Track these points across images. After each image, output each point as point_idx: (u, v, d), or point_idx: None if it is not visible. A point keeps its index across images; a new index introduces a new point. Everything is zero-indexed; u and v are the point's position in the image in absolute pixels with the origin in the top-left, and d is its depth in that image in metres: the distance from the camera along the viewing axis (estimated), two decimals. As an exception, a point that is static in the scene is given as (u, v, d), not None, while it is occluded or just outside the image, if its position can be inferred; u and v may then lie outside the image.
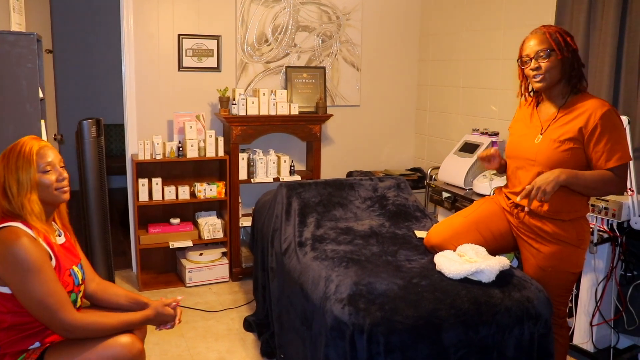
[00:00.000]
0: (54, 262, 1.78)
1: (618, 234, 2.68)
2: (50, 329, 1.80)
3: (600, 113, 2.00)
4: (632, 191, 2.59)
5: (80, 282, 1.92)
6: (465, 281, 2.05)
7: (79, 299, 1.93)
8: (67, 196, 1.87)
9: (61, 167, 1.87)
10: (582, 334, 2.78)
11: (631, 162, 2.54)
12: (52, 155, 1.84)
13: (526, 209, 2.07)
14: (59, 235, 1.93)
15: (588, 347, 2.78)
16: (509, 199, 2.29)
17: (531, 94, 2.27)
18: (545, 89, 2.12)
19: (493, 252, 2.26)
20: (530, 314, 1.99)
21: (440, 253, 2.23)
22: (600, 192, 2.09)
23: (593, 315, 2.74)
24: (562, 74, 2.08)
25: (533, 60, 2.08)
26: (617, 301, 2.76)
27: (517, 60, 2.18)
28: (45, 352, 1.79)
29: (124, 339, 1.84)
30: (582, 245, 2.15)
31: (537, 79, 2.08)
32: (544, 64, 2.05)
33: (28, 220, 1.76)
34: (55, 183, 1.82)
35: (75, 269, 1.90)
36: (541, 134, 2.13)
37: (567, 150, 2.05)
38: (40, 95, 2.43)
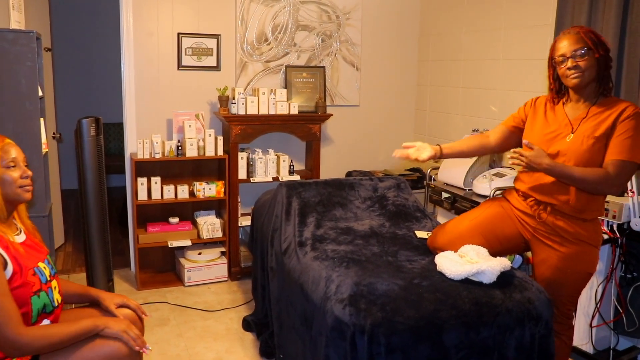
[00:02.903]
0: (10, 266, 1.71)
1: (618, 235, 2.68)
2: None
3: (633, 111, 2.03)
4: (633, 192, 2.59)
5: (49, 278, 1.86)
6: (467, 282, 2.04)
7: (55, 294, 1.87)
8: (29, 195, 1.85)
9: (25, 165, 1.85)
10: (581, 335, 2.78)
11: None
12: (16, 153, 1.82)
13: (547, 210, 2.11)
14: (19, 233, 1.87)
15: (588, 348, 2.78)
16: (526, 197, 2.27)
17: (556, 99, 2.26)
18: (580, 87, 2.11)
19: (497, 255, 2.24)
20: (532, 315, 1.98)
21: (441, 254, 2.22)
22: (590, 187, 2.05)
23: (593, 317, 2.74)
24: (597, 72, 2.08)
25: (570, 60, 2.07)
26: (617, 302, 2.76)
27: (550, 60, 2.17)
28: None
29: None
30: (598, 245, 2.17)
31: (575, 76, 2.07)
32: (582, 62, 2.05)
33: None
34: (19, 180, 1.80)
35: (42, 265, 1.85)
36: (572, 133, 2.12)
37: (601, 148, 2.05)
38: (40, 93, 2.42)
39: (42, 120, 2.50)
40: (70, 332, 1.77)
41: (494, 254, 2.23)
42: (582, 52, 2.04)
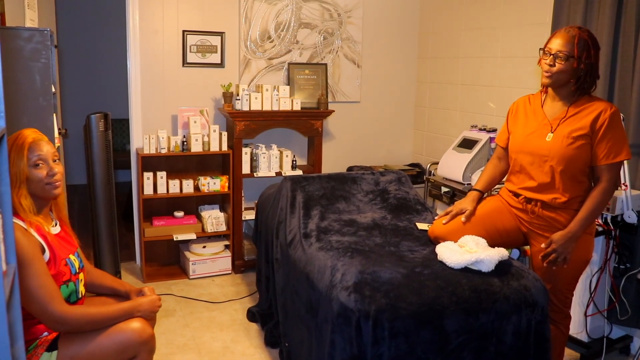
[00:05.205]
0: (47, 253, 1.79)
1: (612, 227, 2.76)
2: (42, 323, 1.81)
3: (610, 112, 2.12)
4: (626, 186, 2.67)
5: (78, 270, 1.94)
6: (466, 270, 2.13)
7: (80, 287, 1.96)
8: (58, 191, 1.87)
9: (54, 161, 1.85)
10: (576, 325, 2.86)
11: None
12: (45, 149, 1.82)
13: (538, 206, 2.25)
14: (55, 225, 1.94)
15: (582, 337, 2.87)
16: (517, 195, 2.36)
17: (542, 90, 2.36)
18: (551, 86, 2.22)
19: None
20: (528, 302, 2.07)
21: (442, 244, 2.30)
22: (602, 207, 2.22)
23: (587, 306, 2.83)
24: (570, 78, 2.17)
25: (551, 57, 2.16)
26: (611, 292, 2.85)
27: (540, 49, 2.25)
28: (58, 338, 1.84)
29: (136, 325, 1.90)
30: (592, 232, 2.28)
31: (547, 75, 2.18)
32: (558, 64, 2.14)
33: (18, 212, 1.76)
34: (45, 178, 1.81)
35: (72, 257, 1.93)
36: (552, 132, 2.22)
37: (580, 146, 2.15)
38: (53, 89, 2.49)
39: (55, 115, 2.57)
40: (109, 313, 1.89)
41: (494, 246, 2.31)
42: (564, 56, 2.13)
